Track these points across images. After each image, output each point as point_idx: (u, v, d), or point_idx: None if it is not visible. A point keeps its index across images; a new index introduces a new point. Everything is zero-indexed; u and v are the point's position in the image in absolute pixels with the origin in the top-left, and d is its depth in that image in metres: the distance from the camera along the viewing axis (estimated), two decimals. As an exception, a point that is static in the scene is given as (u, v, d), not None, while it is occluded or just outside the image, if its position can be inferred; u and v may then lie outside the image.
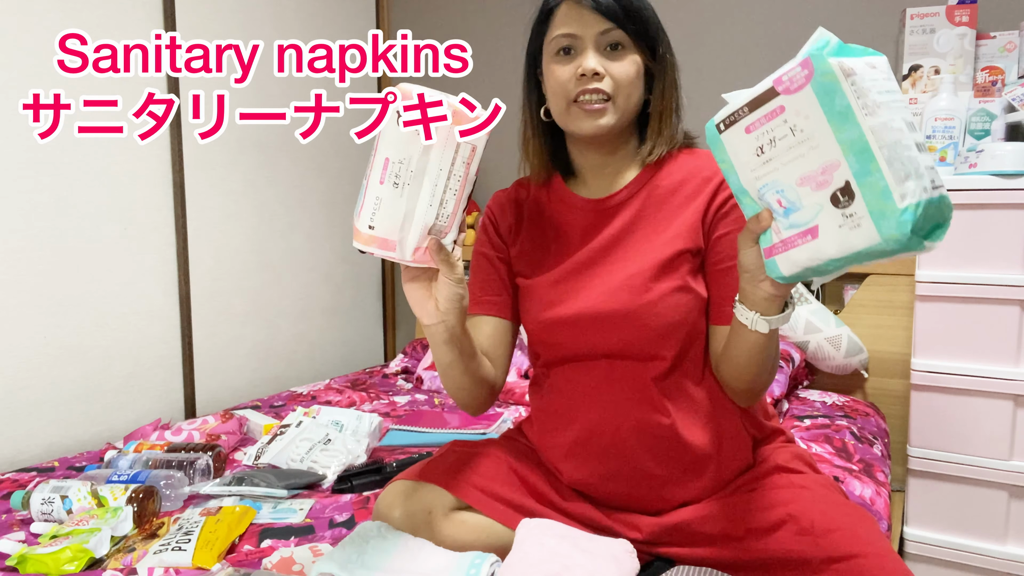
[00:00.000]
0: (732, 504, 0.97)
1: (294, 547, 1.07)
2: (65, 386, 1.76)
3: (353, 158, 2.63)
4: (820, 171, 0.73)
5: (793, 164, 0.75)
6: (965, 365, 1.58)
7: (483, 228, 1.15)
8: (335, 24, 2.55)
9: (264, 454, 1.50)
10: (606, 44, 0.97)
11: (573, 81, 0.97)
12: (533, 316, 1.07)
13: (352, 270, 2.69)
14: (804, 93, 0.72)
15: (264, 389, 2.33)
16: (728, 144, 0.81)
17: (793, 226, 0.77)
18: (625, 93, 0.98)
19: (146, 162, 1.92)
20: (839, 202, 0.72)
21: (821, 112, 0.72)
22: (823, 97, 0.71)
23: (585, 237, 1.05)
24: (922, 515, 1.66)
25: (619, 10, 0.96)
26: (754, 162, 0.79)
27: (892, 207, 0.69)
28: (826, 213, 0.74)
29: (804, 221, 0.76)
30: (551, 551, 0.92)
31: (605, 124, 0.98)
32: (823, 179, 0.73)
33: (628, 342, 0.99)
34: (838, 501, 0.94)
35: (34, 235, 1.69)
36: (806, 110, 0.73)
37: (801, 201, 0.76)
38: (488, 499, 1.03)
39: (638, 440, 0.99)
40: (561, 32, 0.98)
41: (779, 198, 0.78)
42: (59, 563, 1.03)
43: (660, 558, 1.01)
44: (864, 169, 0.70)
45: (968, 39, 1.78)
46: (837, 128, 0.71)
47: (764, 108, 0.76)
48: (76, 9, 1.74)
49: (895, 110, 0.71)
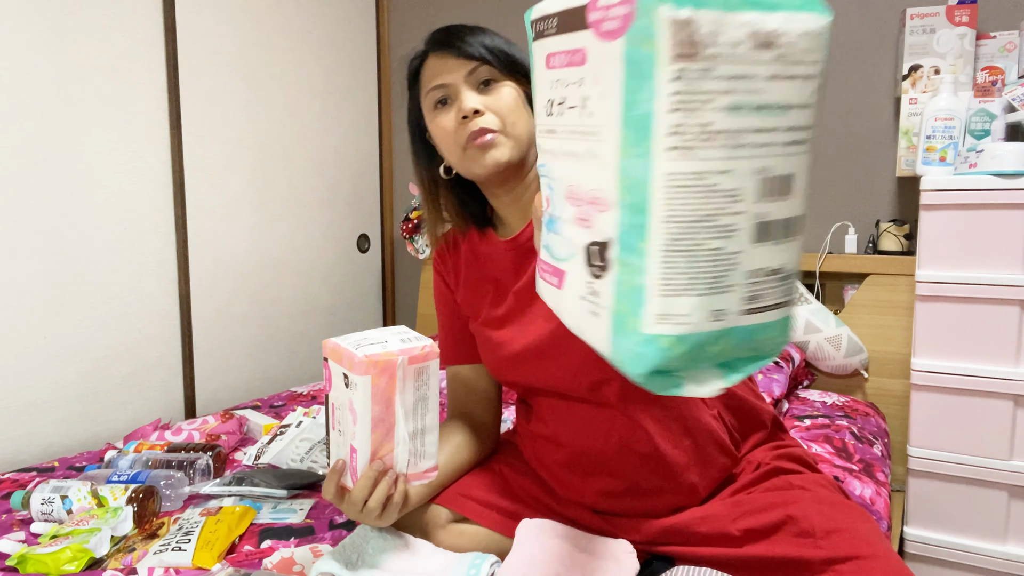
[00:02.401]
0: (731, 506, 0.97)
1: (294, 547, 1.07)
2: (65, 386, 1.76)
3: (353, 158, 2.64)
4: (589, 199, 0.45)
5: (569, 162, 0.47)
6: (965, 365, 1.58)
7: (435, 273, 1.17)
8: (335, 24, 2.54)
9: (264, 454, 1.50)
10: (477, 83, 0.96)
11: (458, 128, 0.96)
12: (486, 359, 1.10)
13: (352, 270, 2.69)
14: (612, 49, 0.40)
15: (264, 389, 2.33)
16: (534, 61, 0.51)
17: (548, 249, 0.52)
18: (511, 121, 0.96)
19: (146, 162, 1.92)
20: (591, 264, 0.45)
21: (620, 99, 0.40)
22: (631, 74, 0.39)
23: (516, 276, 1.05)
24: (922, 515, 1.66)
25: (480, 48, 0.96)
26: (543, 114, 0.50)
27: (634, 323, 0.42)
28: (577, 265, 0.47)
29: (557, 254, 0.50)
30: (551, 551, 0.92)
31: (501, 157, 0.95)
32: (587, 213, 0.45)
33: (575, 371, 0.98)
34: (838, 501, 0.93)
35: (34, 235, 1.69)
36: (606, 80, 0.41)
37: (562, 223, 0.48)
38: (484, 509, 1.03)
39: (624, 459, 0.99)
40: (432, 85, 0.98)
41: (548, 195, 0.51)
42: (59, 563, 1.03)
43: (659, 557, 1.01)
44: (632, 239, 0.41)
45: (968, 39, 1.78)
46: (628, 143, 0.40)
47: (569, 40, 0.44)
48: (76, 8, 1.74)
49: (755, 151, 0.39)
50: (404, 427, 0.89)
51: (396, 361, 0.86)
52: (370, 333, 0.91)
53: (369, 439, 0.87)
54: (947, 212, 1.57)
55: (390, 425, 0.88)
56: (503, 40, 1.00)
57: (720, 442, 1.01)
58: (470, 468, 1.11)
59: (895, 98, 2.01)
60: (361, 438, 0.87)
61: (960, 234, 1.55)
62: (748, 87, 0.37)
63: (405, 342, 0.89)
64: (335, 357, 0.89)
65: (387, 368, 0.85)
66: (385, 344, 0.88)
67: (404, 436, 0.89)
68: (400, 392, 0.87)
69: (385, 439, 0.88)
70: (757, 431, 1.09)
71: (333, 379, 0.90)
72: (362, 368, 0.84)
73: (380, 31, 2.75)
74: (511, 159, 0.97)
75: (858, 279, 2.04)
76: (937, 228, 1.58)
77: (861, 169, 2.07)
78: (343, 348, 0.87)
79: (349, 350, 0.86)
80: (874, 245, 2.02)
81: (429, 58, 1.00)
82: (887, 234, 1.98)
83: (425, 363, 0.89)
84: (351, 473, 0.90)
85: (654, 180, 0.39)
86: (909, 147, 1.84)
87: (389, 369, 0.86)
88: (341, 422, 0.90)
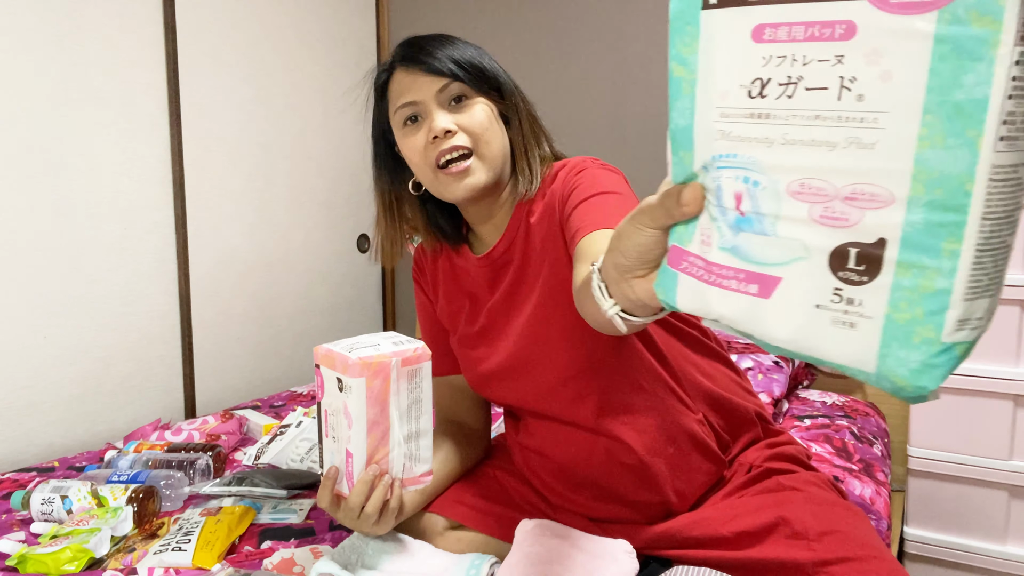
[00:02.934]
0: (723, 509, 0.96)
1: (294, 548, 1.07)
2: (65, 386, 1.77)
3: (353, 158, 2.63)
4: (847, 194, 0.39)
5: (806, 149, 0.40)
6: (965, 365, 1.57)
7: (415, 284, 1.16)
8: (335, 23, 2.54)
9: (264, 454, 1.50)
10: (448, 100, 0.94)
11: (429, 147, 0.93)
12: (465, 373, 1.09)
13: (352, 270, 2.69)
14: (912, 25, 0.36)
15: (264, 389, 2.33)
16: (708, 35, 0.44)
17: (737, 251, 0.44)
18: (484, 140, 0.94)
19: (146, 162, 1.92)
20: (844, 269, 0.40)
21: (923, 83, 0.36)
22: (948, 55, 0.35)
23: (490, 292, 1.04)
24: (922, 515, 1.66)
25: (450, 64, 0.93)
26: (735, 97, 0.43)
27: (926, 332, 0.38)
28: (806, 271, 0.41)
29: (760, 257, 0.43)
30: (550, 551, 0.92)
31: (478, 183, 0.94)
32: (845, 211, 0.39)
33: (550, 390, 0.98)
34: (831, 501, 0.93)
35: (34, 235, 1.69)
36: (897, 60, 0.36)
37: (777, 222, 0.42)
38: (481, 515, 1.03)
39: (610, 471, 0.99)
40: (402, 103, 0.95)
41: (740, 190, 0.43)
42: (59, 563, 1.03)
43: (656, 559, 1.01)
44: (928, 239, 0.37)
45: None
46: (936, 132, 0.36)
47: (815, 9, 0.38)
48: (76, 8, 1.74)
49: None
50: (399, 430, 0.89)
51: (390, 363, 0.86)
52: (361, 338, 0.91)
53: (365, 442, 0.87)
54: (947, 212, 1.57)
55: (385, 428, 0.88)
56: (473, 51, 0.98)
57: (704, 447, 1.00)
58: (461, 475, 1.10)
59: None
60: (357, 442, 0.87)
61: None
62: None
63: (397, 345, 0.89)
64: (327, 363, 0.89)
65: (381, 369, 0.86)
66: (378, 347, 0.88)
67: (399, 439, 0.89)
68: (395, 394, 0.87)
69: (381, 443, 0.88)
70: (747, 430, 1.07)
71: (326, 385, 0.90)
72: (356, 370, 0.84)
73: (380, 31, 2.74)
74: (487, 183, 0.95)
75: (858, 279, 2.04)
76: (937, 228, 1.58)
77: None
78: (336, 353, 0.87)
79: (342, 354, 0.86)
80: (874, 245, 2.01)
81: (397, 72, 0.97)
82: (887, 234, 1.98)
83: (418, 365, 0.89)
84: (347, 479, 0.89)
85: (978, 174, 0.36)
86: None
87: (383, 371, 0.86)
88: (335, 428, 0.89)
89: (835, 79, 0.38)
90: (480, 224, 1.04)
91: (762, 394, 1.67)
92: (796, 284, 0.42)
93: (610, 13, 2.29)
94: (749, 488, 0.99)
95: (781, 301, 0.43)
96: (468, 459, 1.12)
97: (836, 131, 0.39)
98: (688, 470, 0.99)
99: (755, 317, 0.44)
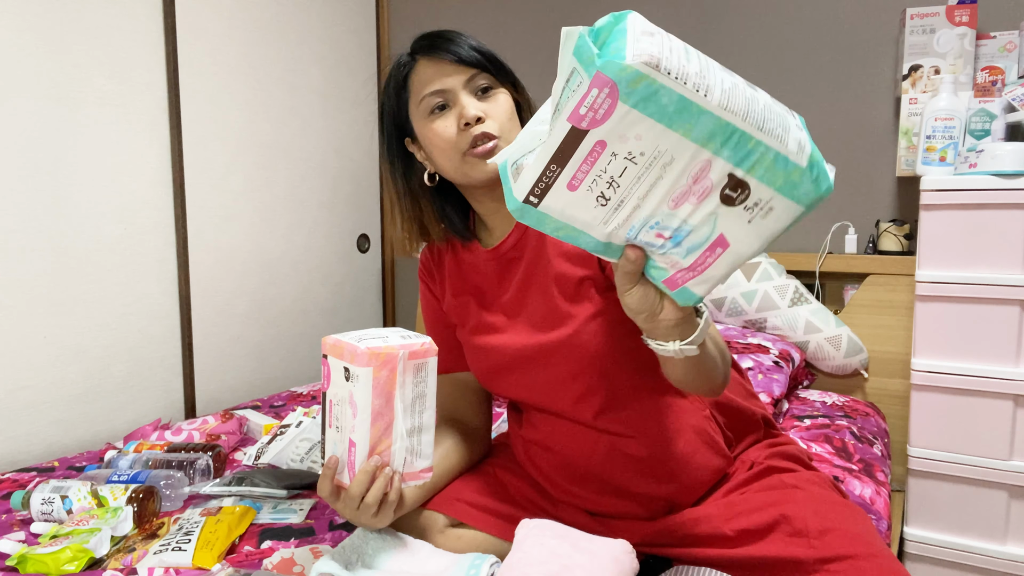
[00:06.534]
0: (725, 506, 0.97)
1: (294, 548, 1.07)
2: (65, 386, 1.77)
3: (353, 158, 2.64)
4: (692, 181, 0.61)
5: (654, 191, 0.62)
6: (965, 365, 1.58)
7: (421, 282, 1.17)
8: (335, 24, 2.54)
9: (264, 454, 1.50)
10: (476, 89, 0.96)
11: (459, 133, 0.95)
12: (473, 369, 1.09)
13: (352, 270, 2.69)
14: (619, 115, 0.57)
15: (264, 389, 2.33)
16: (554, 212, 0.65)
17: (692, 250, 0.66)
18: (508, 129, 0.96)
19: (146, 162, 1.93)
20: (733, 200, 0.62)
21: (653, 122, 0.57)
22: (646, 106, 0.56)
23: (500, 286, 1.05)
24: (922, 515, 1.66)
25: (476, 55, 0.96)
26: (602, 214, 0.64)
27: (797, 170, 0.60)
28: (725, 218, 0.63)
29: (703, 239, 0.65)
30: (550, 551, 0.92)
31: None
32: (701, 187, 0.61)
33: (561, 383, 0.98)
34: (832, 500, 0.93)
35: (34, 235, 1.69)
36: (634, 130, 0.58)
37: (688, 222, 0.64)
38: (481, 513, 1.04)
39: (614, 465, 0.99)
40: (430, 90, 0.96)
41: (658, 232, 0.65)
42: (59, 563, 1.03)
43: (656, 558, 1.01)
44: (743, 152, 0.59)
45: (968, 39, 1.78)
46: (683, 128, 0.58)
47: (577, 155, 0.60)
48: (76, 7, 1.74)
49: (717, 71, 0.59)
50: (402, 423, 0.89)
51: (397, 354, 0.87)
52: (370, 331, 0.92)
53: (368, 432, 0.87)
54: (947, 212, 1.57)
55: (389, 420, 0.88)
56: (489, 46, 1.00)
57: (713, 442, 1.01)
58: (461, 472, 1.11)
59: (895, 98, 2.01)
60: (360, 431, 0.87)
61: (960, 234, 1.55)
62: (682, 53, 0.58)
63: (405, 339, 0.90)
64: (335, 352, 0.90)
65: (388, 360, 0.86)
66: (386, 339, 0.89)
67: (402, 432, 0.89)
68: (400, 387, 0.88)
69: (384, 434, 0.89)
70: (751, 432, 1.09)
71: (332, 375, 0.91)
72: (364, 360, 0.85)
73: (380, 31, 2.75)
74: None
75: (858, 279, 2.04)
76: (937, 228, 1.58)
77: (861, 169, 2.07)
78: (344, 343, 0.88)
79: (351, 343, 0.87)
80: (874, 245, 2.02)
81: (420, 63, 0.98)
82: (887, 234, 1.98)
83: (424, 359, 0.90)
84: (348, 468, 0.90)
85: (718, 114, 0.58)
86: (909, 147, 1.84)
87: (391, 362, 0.86)
88: (339, 418, 0.90)
89: (623, 162, 0.60)
90: (492, 215, 1.05)
91: (762, 394, 1.67)
92: (730, 226, 0.64)
93: (610, 13, 2.29)
94: (751, 485, 0.99)
95: (735, 238, 0.64)
96: (469, 457, 1.12)
97: (653, 171, 0.61)
98: (695, 465, 0.99)
99: (737, 255, 0.66)
